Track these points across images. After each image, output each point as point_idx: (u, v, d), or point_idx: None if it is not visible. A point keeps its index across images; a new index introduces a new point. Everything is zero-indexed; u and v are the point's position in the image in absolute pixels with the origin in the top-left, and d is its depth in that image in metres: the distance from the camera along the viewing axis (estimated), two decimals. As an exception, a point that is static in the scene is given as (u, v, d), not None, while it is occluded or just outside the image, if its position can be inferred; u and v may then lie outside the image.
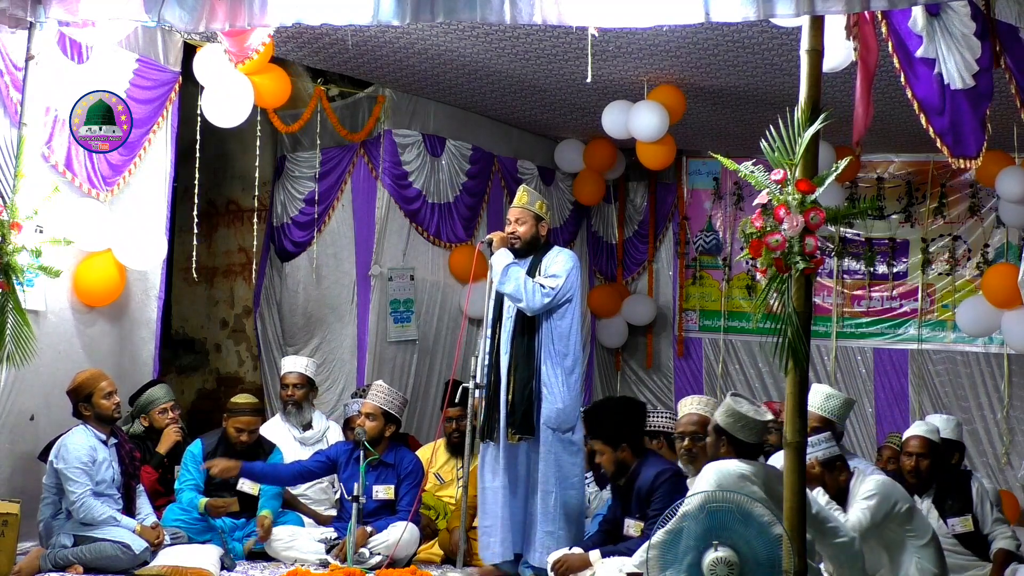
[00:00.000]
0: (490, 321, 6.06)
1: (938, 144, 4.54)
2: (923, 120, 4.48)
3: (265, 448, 6.62)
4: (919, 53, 4.40)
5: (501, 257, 5.95)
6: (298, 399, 7.10)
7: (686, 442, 5.44)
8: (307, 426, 7.11)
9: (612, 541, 5.57)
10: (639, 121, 7.39)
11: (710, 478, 4.28)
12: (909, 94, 4.46)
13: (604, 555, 5.40)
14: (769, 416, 4.64)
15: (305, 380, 7.16)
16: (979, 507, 5.91)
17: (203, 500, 6.32)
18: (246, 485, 6.44)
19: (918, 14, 4.36)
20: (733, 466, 4.34)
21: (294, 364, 7.27)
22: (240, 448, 6.42)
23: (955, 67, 4.44)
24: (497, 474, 5.97)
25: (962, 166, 4.68)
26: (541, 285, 5.88)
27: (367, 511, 6.21)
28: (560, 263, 5.97)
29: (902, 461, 5.93)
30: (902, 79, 4.46)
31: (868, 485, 4.93)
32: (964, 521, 5.86)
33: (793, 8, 4.00)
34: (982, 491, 5.97)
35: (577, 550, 5.60)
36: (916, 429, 5.93)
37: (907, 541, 4.91)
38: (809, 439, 4.89)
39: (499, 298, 6.04)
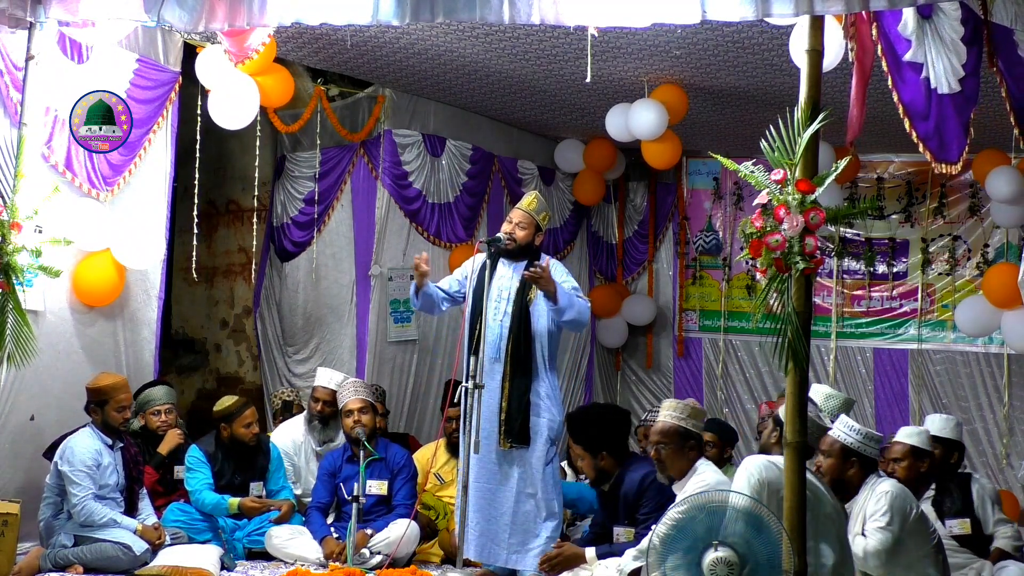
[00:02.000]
0: (470, 319, 5.92)
1: (921, 148, 4.55)
2: (907, 124, 4.49)
3: (263, 449, 6.61)
4: (907, 57, 4.40)
5: (560, 278, 5.88)
6: (327, 416, 6.89)
7: (653, 452, 5.24)
8: (327, 442, 6.97)
9: (603, 542, 5.54)
10: (638, 119, 7.37)
11: (740, 471, 4.27)
12: (896, 98, 4.47)
13: (600, 555, 5.38)
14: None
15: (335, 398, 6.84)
16: (980, 509, 5.86)
17: (234, 500, 6.31)
18: (255, 489, 6.47)
19: (909, 17, 4.36)
20: (766, 458, 4.34)
21: (328, 379, 6.96)
22: (252, 443, 6.44)
23: (943, 71, 4.45)
24: (480, 473, 5.92)
25: (944, 171, 4.68)
26: (576, 292, 5.93)
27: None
28: (564, 274, 6.00)
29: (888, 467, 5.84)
30: (889, 82, 4.46)
31: (880, 503, 4.71)
32: (962, 523, 5.82)
33: (792, 8, 4.00)
34: (983, 492, 5.92)
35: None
36: (899, 435, 5.73)
37: (916, 549, 4.78)
38: (846, 421, 4.82)
39: (479, 296, 5.93)
